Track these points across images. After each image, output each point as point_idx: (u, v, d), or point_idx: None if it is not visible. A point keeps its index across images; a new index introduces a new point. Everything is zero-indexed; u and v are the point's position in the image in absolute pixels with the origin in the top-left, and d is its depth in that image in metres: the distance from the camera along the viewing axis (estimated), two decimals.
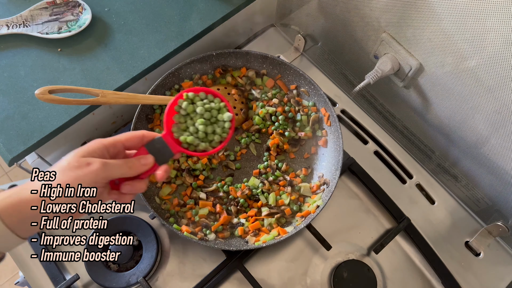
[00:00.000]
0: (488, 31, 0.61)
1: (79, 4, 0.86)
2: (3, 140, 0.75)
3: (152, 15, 0.87)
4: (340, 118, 0.93)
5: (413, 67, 0.77)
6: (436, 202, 0.86)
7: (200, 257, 0.77)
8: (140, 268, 0.73)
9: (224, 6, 0.89)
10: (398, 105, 0.90)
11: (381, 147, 0.90)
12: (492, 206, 0.82)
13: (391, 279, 0.78)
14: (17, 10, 0.84)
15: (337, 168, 0.77)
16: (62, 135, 0.78)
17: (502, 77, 0.63)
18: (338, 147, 0.79)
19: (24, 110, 0.77)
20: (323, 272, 0.77)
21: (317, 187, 0.79)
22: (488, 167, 0.78)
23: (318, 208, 0.74)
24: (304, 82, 0.85)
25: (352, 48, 0.90)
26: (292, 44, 0.99)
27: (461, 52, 0.67)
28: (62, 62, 0.81)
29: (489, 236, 0.82)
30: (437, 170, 0.89)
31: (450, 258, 0.80)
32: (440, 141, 0.86)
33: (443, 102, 0.78)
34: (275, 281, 0.76)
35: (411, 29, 0.74)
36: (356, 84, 0.83)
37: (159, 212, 0.75)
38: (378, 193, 0.82)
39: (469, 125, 0.76)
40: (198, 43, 0.89)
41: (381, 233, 0.82)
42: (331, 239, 0.76)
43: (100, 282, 0.72)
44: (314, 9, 0.92)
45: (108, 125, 0.90)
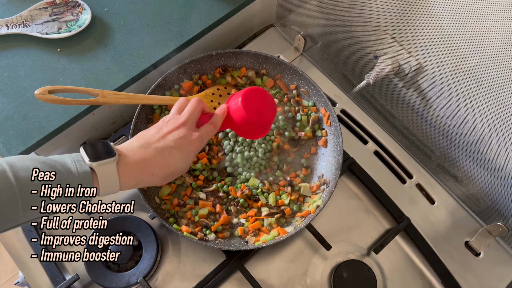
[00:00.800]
0: (488, 31, 0.61)
1: (78, 4, 0.86)
2: (3, 140, 0.75)
3: (152, 15, 0.87)
4: (340, 118, 0.93)
5: (413, 67, 0.77)
6: (436, 202, 0.86)
7: (200, 257, 0.77)
8: (140, 268, 0.73)
9: (224, 6, 0.89)
10: (398, 105, 0.89)
11: (381, 147, 0.90)
12: (492, 206, 0.82)
13: (391, 279, 0.78)
14: (17, 10, 0.84)
15: (337, 168, 0.77)
16: (62, 135, 0.78)
17: (502, 77, 0.63)
18: (338, 147, 0.79)
19: (24, 110, 0.77)
20: (323, 272, 0.77)
21: (317, 187, 0.79)
22: (488, 167, 0.78)
23: (318, 208, 0.74)
24: (304, 82, 0.85)
25: (352, 48, 0.90)
26: (292, 44, 0.99)
27: (461, 52, 0.67)
28: (62, 62, 0.81)
29: (489, 236, 0.82)
30: (437, 170, 0.89)
31: (450, 258, 0.80)
32: (440, 141, 0.86)
33: (443, 102, 0.78)
34: (275, 281, 0.76)
35: (411, 29, 0.73)
36: (356, 84, 0.83)
37: (159, 212, 0.75)
38: (378, 193, 0.82)
39: (469, 125, 0.76)
40: (198, 43, 0.89)
41: (381, 233, 0.82)
42: (331, 239, 0.76)
43: (100, 282, 0.72)
44: (314, 9, 0.92)
45: (108, 125, 0.90)
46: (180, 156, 0.59)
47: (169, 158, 0.58)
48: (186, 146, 0.59)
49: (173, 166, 0.59)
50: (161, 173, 0.58)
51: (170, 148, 0.58)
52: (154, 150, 0.57)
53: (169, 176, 0.59)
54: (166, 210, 0.76)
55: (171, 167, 0.58)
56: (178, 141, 0.59)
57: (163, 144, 0.58)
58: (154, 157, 0.57)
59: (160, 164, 0.57)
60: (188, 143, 0.59)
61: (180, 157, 0.59)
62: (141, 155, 0.56)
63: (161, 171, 0.57)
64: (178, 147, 0.58)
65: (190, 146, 0.60)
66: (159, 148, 0.57)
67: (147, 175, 0.57)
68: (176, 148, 0.58)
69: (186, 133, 0.60)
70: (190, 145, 0.60)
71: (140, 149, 0.57)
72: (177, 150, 0.58)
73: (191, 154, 0.60)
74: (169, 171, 0.58)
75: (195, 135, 0.60)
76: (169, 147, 0.58)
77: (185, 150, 0.59)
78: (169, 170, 0.58)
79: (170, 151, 0.58)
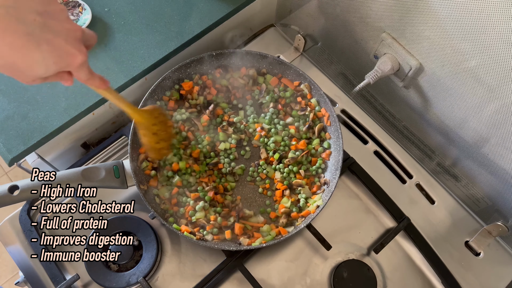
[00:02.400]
0: (488, 31, 0.61)
1: (79, 4, 0.86)
2: (3, 140, 0.75)
3: (152, 15, 0.87)
4: (340, 118, 0.93)
5: (413, 67, 0.77)
6: (436, 202, 0.86)
7: (200, 257, 0.77)
8: (140, 268, 0.73)
9: (224, 6, 0.89)
10: (398, 105, 0.90)
11: (381, 147, 0.90)
12: (492, 206, 0.82)
13: (391, 279, 0.78)
14: None
15: (337, 168, 0.77)
16: (62, 135, 0.78)
17: (502, 77, 0.63)
18: (338, 147, 0.79)
19: (24, 110, 0.77)
20: (323, 272, 0.77)
21: (317, 187, 0.79)
22: (488, 167, 0.78)
23: (318, 208, 0.75)
24: (304, 82, 0.85)
25: (352, 48, 0.90)
26: (292, 44, 0.99)
27: (461, 52, 0.67)
28: None
29: (489, 236, 0.82)
30: (437, 170, 0.89)
31: (450, 258, 0.80)
32: (440, 141, 0.86)
33: (443, 102, 0.78)
34: (275, 281, 0.76)
35: (411, 29, 0.74)
36: (356, 84, 0.83)
37: (159, 212, 0.75)
38: (378, 193, 0.82)
39: (469, 125, 0.76)
40: (198, 43, 0.89)
41: (381, 233, 0.82)
42: (331, 239, 0.76)
43: (100, 282, 0.72)
44: (314, 9, 0.92)
45: (108, 125, 0.90)
46: (49, 57, 0.43)
47: (33, 49, 0.41)
48: (65, 54, 0.44)
49: (30, 61, 0.42)
50: (6, 59, 0.41)
51: (44, 40, 0.42)
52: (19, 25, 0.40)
53: (13, 69, 0.43)
54: (165, 210, 0.76)
55: (27, 60, 0.42)
56: (60, 41, 0.43)
57: (39, 28, 0.41)
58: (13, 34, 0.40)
59: (15, 48, 0.40)
60: (68, 53, 0.44)
61: (48, 58, 0.43)
62: None
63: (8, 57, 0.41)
64: (55, 46, 0.43)
65: (68, 58, 0.45)
66: (29, 30, 0.40)
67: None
68: (51, 45, 0.42)
69: (76, 39, 0.45)
70: (68, 57, 0.45)
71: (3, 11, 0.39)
72: (50, 47, 0.42)
73: (60, 65, 0.45)
74: (21, 63, 0.42)
75: (83, 51, 0.46)
76: (44, 38, 0.42)
77: (60, 55, 0.44)
78: (21, 62, 0.42)
79: (40, 42, 0.41)
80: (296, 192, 0.79)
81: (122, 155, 0.86)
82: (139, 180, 0.75)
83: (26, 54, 0.41)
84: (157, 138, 0.73)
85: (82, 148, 0.90)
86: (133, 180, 0.73)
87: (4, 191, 0.63)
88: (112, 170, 0.72)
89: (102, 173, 0.70)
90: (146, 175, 0.78)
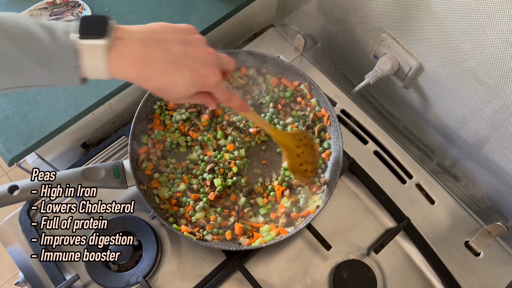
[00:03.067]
0: (488, 32, 0.61)
1: (79, 4, 0.86)
2: (3, 140, 0.75)
3: (152, 15, 0.87)
4: (340, 118, 0.93)
5: (413, 67, 0.77)
6: (436, 202, 0.86)
7: (200, 257, 0.77)
8: (140, 268, 0.73)
9: (224, 6, 0.89)
10: (398, 105, 0.90)
11: (381, 147, 0.90)
12: (492, 206, 0.82)
13: (391, 279, 0.78)
14: (17, 10, 0.85)
15: (337, 168, 0.77)
16: (62, 135, 0.78)
17: (502, 77, 0.63)
18: (338, 147, 0.79)
19: (24, 110, 0.77)
20: (323, 272, 0.77)
21: (317, 187, 0.79)
22: (488, 167, 0.78)
23: (318, 208, 0.74)
24: (304, 82, 0.85)
25: (352, 48, 0.90)
26: (292, 44, 0.99)
27: (461, 52, 0.68)
28: None
29: (489, 236, 0.82)
30: (437, 170, 0.89)
31: (450, 258, 0.80)
32: (440, 141, 0.86)
33: (443, 102, 0.78)
34: (275, 281, 0.76)
35: (411, 29, 0.74)
36: (356, 84, 0.83)
37: (159, 212, 0.75)
38: (378, 193, 0.82)
39: (469, 125, 0.76)
40: None
41: (381, 233, 0.82)
42: (331, 239, 0.76)
43: (100, 282, 0.72)
44: (314, 9, 0.92)
45: (108, 125, 0.90)
46: (189, 79, 0.50)
47: (176, 73, 0.49)
48: (200, 76, 0.51)
49: (174, 83, 0.50)
50: (157, 82, 0.49)
51: (184, 65, 0.49)
52: (166, 55, 0.48)
53: (162, 91, 0.51)
54: (165, 210, 0.76)
55: (171, 83, 0.49)
56: (197, 65, 0.50)
57: (181, 56, 0.49)
58: (161, 62, 0.48)
59: (163, 73, 0.49)
60: (203, 75, 0.51)
61: (188, 81, 0.50)
62: (146, 52, 0.47)
63: (158, 81, 0.49)
64: (193, 70, 0.50)
65: (203, 79, 0.51)
66: (173, 58, 0.49)
67: (141, 75, 0.48)
68: (190, 69, 0.50)
69: (210, 63, 0.51)
70: (204, 78, 0.51)
71: (151, 44, 0.48)
72: (189, 71, 0.50)
73: (197, 85, 0.51)
74: (167, 85, 0.50)
75: (217, 73, 0.52)
76: (185, 64, 0.49)
77: (196, 77, 0.50)
78: (167, 85, 0.50)
79: (182, 67, 0.49)
80: (296, 192, 0.79)
81: (122, 155, 0.86)
82: (139, 180, 0.75)
83: (171, 78, 0.49)
84: (301, 160, 0.74)
85: (82, 148, 0.90)
86: (133, 180, 0.73)
87: (4, 191, 0.63)
88: (112, 170, 0.72)
89: (102, 173, 0.70)
90: (146, 175, 0.78)
